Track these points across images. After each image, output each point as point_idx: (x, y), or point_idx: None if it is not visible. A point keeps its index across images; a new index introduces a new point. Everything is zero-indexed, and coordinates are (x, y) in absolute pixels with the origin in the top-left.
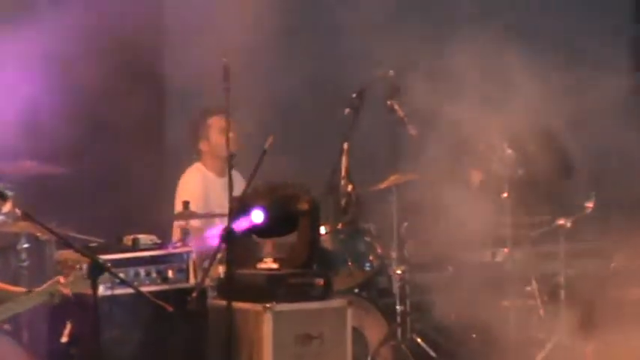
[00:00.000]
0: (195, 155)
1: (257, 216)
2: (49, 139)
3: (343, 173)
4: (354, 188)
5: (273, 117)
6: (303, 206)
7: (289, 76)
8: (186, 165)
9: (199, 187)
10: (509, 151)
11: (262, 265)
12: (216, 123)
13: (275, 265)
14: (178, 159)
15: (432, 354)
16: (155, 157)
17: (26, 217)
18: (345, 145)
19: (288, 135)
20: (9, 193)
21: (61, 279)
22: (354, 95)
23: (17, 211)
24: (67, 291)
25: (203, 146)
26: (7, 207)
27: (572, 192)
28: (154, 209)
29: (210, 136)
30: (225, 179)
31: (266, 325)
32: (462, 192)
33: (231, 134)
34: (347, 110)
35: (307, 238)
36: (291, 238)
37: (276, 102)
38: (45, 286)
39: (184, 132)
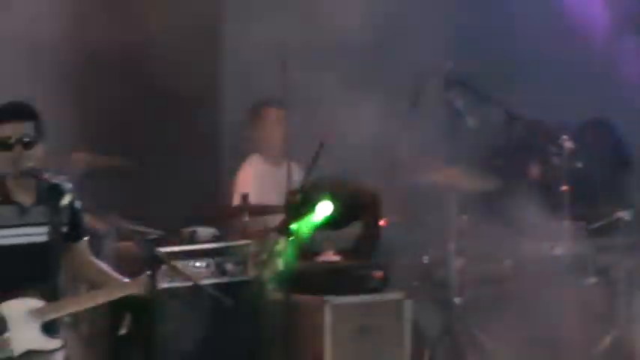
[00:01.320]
0: (250, 147)
1: (324, 208)
2: (107, 132)
3: (402, 165)
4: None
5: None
6: (366, 199)
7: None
8: (245, 156)
9: (256, 179)
10: (568, 143)
11: (322, 258)
12: (271, 115)
13: (336, 258)
14: (237, 151)
15: (490, 347)
16: (214, 149)
17: (86, 209)
18: (405, 137)
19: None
20: (68, 186)
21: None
22: (413, 87)
23: (77, 203)
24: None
25: (258, 137)
26: (66, 199)
27: (631, 184)
28: (213, 201)
29: (266, 127)
30: (282, 170)
31: (325, 318)
32: (522, 185)
33: (284, 125)
34: (408, 102)
35: (368, 231)
36: (346, 231)
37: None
38: (140, 277)
39: (242, 123)
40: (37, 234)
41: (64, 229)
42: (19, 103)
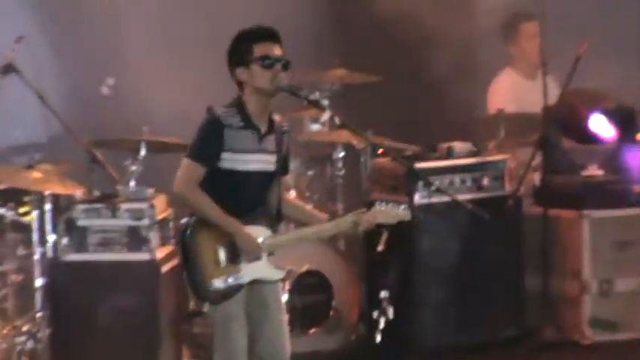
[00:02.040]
0: (505, 61)
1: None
2: (361, 49)
3: None
4: None
5: (590, 22)
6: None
7: None
8: (499, 69)
9: (510, 92)
10: None
11: (587, 172)
12: (526, 29)
13: (600, 172)
14: (492, 64)
15: None
16: (469, 61)
17: (344, 125)
18: None
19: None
20: (325, 102)
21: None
22: None
23: (336, 119)
24: (370, 222)
25: (513, 51)
26: (325, 116)
27: None
28: (469, 116)
29: (521, 42)
30: (537, 82)
31: (583, 232)
32: None
33: (539, 39)
34: None
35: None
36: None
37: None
38: (348, 216)
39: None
40: (269, 162)
41: (282, 161)
42: (269, 27)
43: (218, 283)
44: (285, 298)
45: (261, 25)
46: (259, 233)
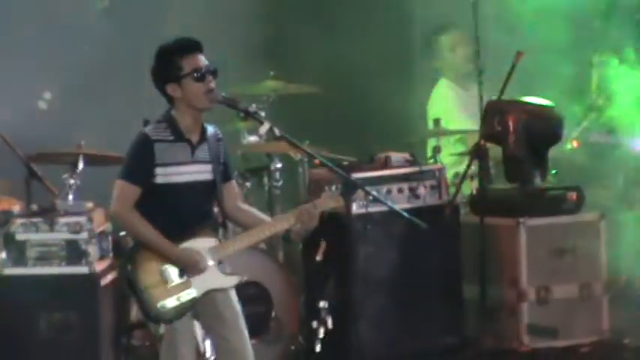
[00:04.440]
0: (437, 73)
1: None
2: (297, 60)
3: (594, 87)
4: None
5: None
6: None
7: None
8: (433, 81)
9: (449, 101)
10: None
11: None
12: (445, 41)
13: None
14: (426, 76)
15: None
16: (404, 74)
17: (283, 137)
18: (595, 58)
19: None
20: (262, 114)
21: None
22: None
23: (275, 130)
24: (310, 212)
25: (437, 64)
26: (265, 127)
27: None
28: (405, 127)
29: (442, 54)
30: (469, 92)
31: (520, 240)
32: None
33: (461, 49)
34: None
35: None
36: None
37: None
38: (290, 213)
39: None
40: (205, 171)
41: (221, 168)
42: (190, 37)
43: (170, 303)
44: None
45: (182, 38)
46: (204, 244)
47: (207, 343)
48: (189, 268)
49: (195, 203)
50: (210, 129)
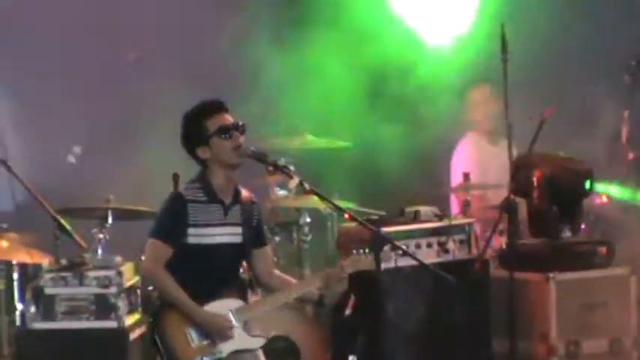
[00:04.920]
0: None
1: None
2: (326, 114)
3: (624, 141)
4: (635, 156)
5: (547, 85)
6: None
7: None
8: (459, 135)
9: (474, 156)
10: None
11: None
12: (477, 95)
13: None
14: (450, 130)
15: None
16: (430, 126)
17: (312, 191)
18: (626, 114)
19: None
20: (291, 168)
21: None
22: (633, 63)
23: (305, 184)
24: (338, 275)
25: (469, 117)
26: (294, 181)
27: None
28: (433, 181)
29: (472, 109)
30: (498, 148)
31: (550, 295)
32: None
33: (492, 106)
34: (626, 77)
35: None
36: None
37: (550, 69)
38: (317, 275)
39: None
40: (235, 234)
41: (254, 232)
42: (214, 98)
43: None
44: None
45: (205, 100)
46: (230, 305)
47: None
48: (216, 333)
49: (224, 265)
50: (244, 192)
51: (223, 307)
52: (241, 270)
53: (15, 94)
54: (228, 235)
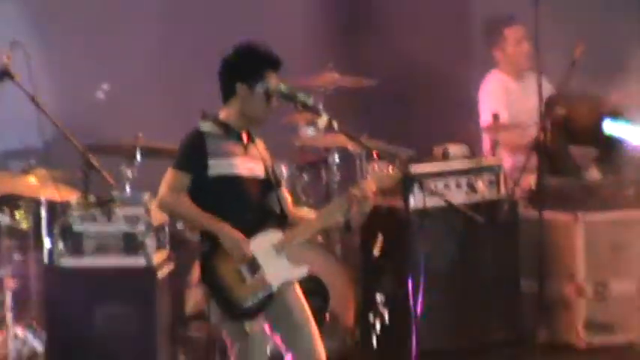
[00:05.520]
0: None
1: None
2: (356, 51)
3: None
4: None
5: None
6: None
7: None
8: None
9: (500, 95)
10: None
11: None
12: (512, 34)
13: (596, 174)
14: (484, 67)
15: None
16: (460, 65)
17: (341, 130)
18: None
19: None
20: (320, 107)
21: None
22: None
23: (334, 124)
24: (366, 190)
25: (498, 55)
26: (323, 120)
27: None
28: (463, 119)
29: (506, 47)
30: (526, 83)
31: (578, 235)
32: None
33: (525, 44)
34: None
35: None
36: None
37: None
38: (343, 197)
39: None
40: (257, 169)
41: (270, 173)
42: (279, 56)
43: (251, 301)
44: None
45: (272, 52)
46: (272, 237)
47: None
48: (233, 251)
49: (253, 197)
50: (257, 138)
51: (266, 240)
52: (278, 205)
53: (44, 32)
54: (250, 168)
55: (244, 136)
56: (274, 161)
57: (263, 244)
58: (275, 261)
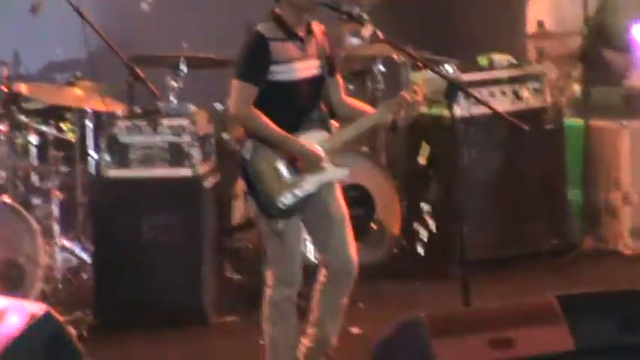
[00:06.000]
0: None
1: None
2: None
3: None
4: None
5: None
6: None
7: None
8: None
9: (546, 3)
10: None
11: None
12: None
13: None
14: None
15: None
16: None
17: (386, 39)
18: None
19: None
20: (365, 17)
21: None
22: None
23: (378, 33)
24: (413, 97)
25: None
26: (368, 30)
27: None
28: (508, 28)
29: None
30: None
31: (623, 143)
32: None
33: None
34: None
35: None
36: None
37: None
38: (392, 100)
39: None
40: (314, 67)
41: (328, 62)
42: None
43: (287, 199)
44: None
45: None
46: (317, 137)
47: (309, 247)
48: (310, 165)
49: (307, 99)
50: (315, 25)
51: (309, 139)
52: (328, 102)
53: None
54: (309, 69)
55: (302, 33)
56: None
57: (309, 142)
58: None
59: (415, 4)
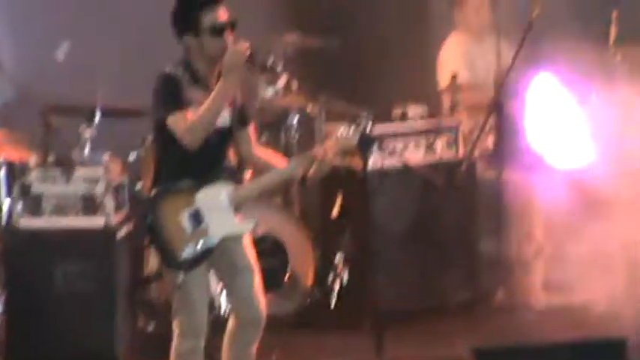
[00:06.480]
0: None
1: None
2: (315, 11)
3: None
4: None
5: None
6: None
7: None
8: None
9: (460, 57)
10: None
11: None
12: None
13: None
14: (444, 28)
15: None
16: (420, 26)
17: (301, 91)
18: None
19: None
20: (279, 68)
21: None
22: None
23: (293, 84)
24: (328, 150)
25: (458, 18)
26: (283, 81)
27: None
28: (422, 80)
29: (466, 11)
30: (485, 45)
31: (536, 196)
32: None
33: (486, 7)
34: None
35: None
36: None
37: None
38: (303, 156)
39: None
40: (223, 117)
41: (239, 112)
42: None
43: (186, 253)
44: None
45: None
46: (221, 189)
47: (222, 297)
48: (232, 63)
49: (214, 149)
50: None
51: (214, 193)
52: (237, 153)
53: None
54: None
55: (212, 82)
56: (248, 96)
57: (210, 197)
58: (220, 214)
59: (330, 55)
